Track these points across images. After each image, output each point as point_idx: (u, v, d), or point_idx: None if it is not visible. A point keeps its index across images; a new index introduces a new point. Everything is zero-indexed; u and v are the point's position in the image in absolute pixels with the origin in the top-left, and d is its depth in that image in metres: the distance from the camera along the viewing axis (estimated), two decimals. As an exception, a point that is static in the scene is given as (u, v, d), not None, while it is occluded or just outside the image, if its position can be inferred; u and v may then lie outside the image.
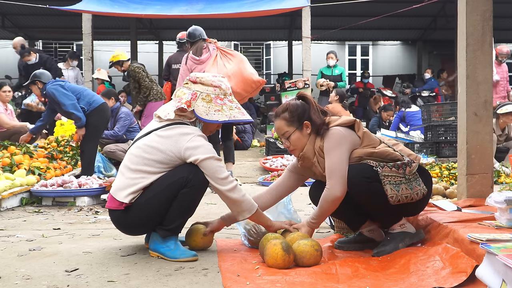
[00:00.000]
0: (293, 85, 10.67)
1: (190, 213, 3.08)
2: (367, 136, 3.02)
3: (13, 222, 4.28)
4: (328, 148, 2.95)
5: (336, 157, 2.91)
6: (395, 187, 2.86)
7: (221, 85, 3.09)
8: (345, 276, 2.58)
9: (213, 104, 3.03)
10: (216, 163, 2.94)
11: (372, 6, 13.43)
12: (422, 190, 2.93)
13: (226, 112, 3.03)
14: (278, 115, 3.08)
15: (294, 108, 3.04)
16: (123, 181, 2.99)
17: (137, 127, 7.75)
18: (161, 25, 16.34)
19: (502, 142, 7.61)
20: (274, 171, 7.19)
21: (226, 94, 3.10)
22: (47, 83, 6.05)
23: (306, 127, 3.03)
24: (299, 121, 3.03)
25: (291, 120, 3.03)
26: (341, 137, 2.95)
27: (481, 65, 3.69)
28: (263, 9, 10.40)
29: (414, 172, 2.93)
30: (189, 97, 3.02)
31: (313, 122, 3.02)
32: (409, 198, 2.90)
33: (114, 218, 3.07)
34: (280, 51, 19.33)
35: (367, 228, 3.16)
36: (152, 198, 2.92)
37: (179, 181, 2.92)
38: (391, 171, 2.87)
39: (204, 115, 3.00)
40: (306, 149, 3.04)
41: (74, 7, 10.40)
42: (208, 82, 3.06)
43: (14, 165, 5.71)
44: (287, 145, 3.08)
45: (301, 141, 3.04)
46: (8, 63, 18.39)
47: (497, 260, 1.98)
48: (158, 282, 2.53)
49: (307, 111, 3.04)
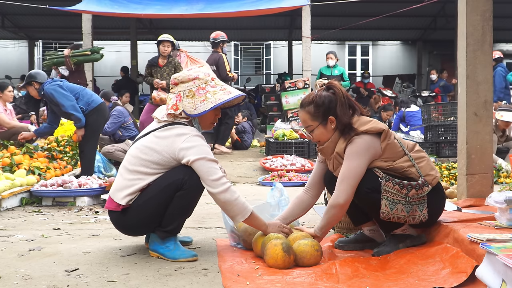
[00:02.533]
0: (293, 85, 10.67)
1: (187, 214, 3.07)
2: (390, 149, 2.88)
3: (13, 222, 4.28)
4: (348, 154, 2.85)
5: (353, 166, 2.82)
6: (390, 205, 2.81)
7: (198, 75, 3.01)
8: (345, 276, 2.57)
9: (197, 97, 2.97)
10: (208, 164, 2.87)
11: (372, 6, 13.46)
12: (421, 217, 2.85)
13: (210, 98, 2.97)
14: (303, 107, 2.98)
15: (320, 102, 2.91)
16: (121, 182, 2.99)
17: (132, 125, 7.75)
18: (161, 25, 16.34)
19: (502, 142, 7.61)
20: (274, 171, 7.19)
21: (207, 81, 3.01)
22: (44, 83, 5.97)
23: (331, 122, 2.92)
24: (324, 116, 2.91)
25: (315, 114, 2.92)
26: (365, 148, 2.84)
27: (481, 65, 3.69)
28: (263, 8, 10.41)
29: (421, 196, 2.84)
30: (174, 101, 2.99)
31: (339, 119, 2.90)
32: (401, 220, 2.85)
33: (113, 219, 3.07)
34: (280, 51, 19.34)
35: (368, 227, 3.16)
36: (149, 200, 2.91)
37: (175, 182, 2.90)
38: (394, 188, 2.81)
39: (192, 111, 2.96)
40: (326, 146, 2.96)
41: (74, 7, 10.41)
42: (186, 78, 3.01)
43: (14, 165, 5.71)
44: (310, 138, 3.04)
45: (325, 135, 2.95)
46: (8, 63, 18.41)
47: (497, 260, 1.98)
48: (158, 282, 2.53)
49: (333, 105, 2.90)
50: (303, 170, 7.28)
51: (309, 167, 7.36)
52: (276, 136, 8.52)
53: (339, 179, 2.86)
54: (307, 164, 7.49)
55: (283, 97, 10.64)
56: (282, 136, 8.41)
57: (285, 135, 8.43)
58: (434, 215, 2.94)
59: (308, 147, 8.24)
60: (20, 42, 18.54)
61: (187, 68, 6.42)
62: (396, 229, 2.99)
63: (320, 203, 4.86)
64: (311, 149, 8.24)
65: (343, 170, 2.85)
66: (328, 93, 2.95)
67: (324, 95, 2.94)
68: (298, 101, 10.54)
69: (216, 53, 8.98)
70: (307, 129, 3.01)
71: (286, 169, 7.23)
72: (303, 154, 8.18)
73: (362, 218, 3.15)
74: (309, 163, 7.54)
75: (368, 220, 3.15)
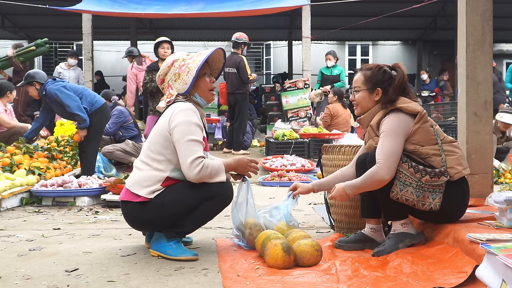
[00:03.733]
0: (293, 85, 10.67)
1: (204, 223, 3.10)
2: (421, 133, 2.94)
3: (13, 222, 4.28)
4: (388, 131, 2.92)
5: (394, 142, 2.89)
6: (401, 185, 2.87)
7: (173, 58, 3.11)
8: (345, 276, 2.58)
9: (182, 74, 3.04)
10: (185, 146, 2.89)
11: (372, 6, 13.45)
12: (432, 205, 2.88)
13: (192, 65, 3.03)
14: (362, 69, 3.14)
15: (377, 72, 3.07)
16: (138, 175, 2.99)
17: (133, 125, 7.74)
18: (161, 25, 16.34)
19: (502, 142, 7.61)
20: (274, 171, 7.19)
21: (184, 58, 3.10)
22: (46, 83, 5.93)
23: (377, 93, 3.06)
24: (374, 85, 3.06)
25: (368, 80, 3.07)
26: (399, 126, 2.93)
27: (481, 65, 3.69)
28: (263, 8, 10.41)
29: (436, 184, 2.87)
30: (167, 92, 3.09)
31: (386, 94, 3.03)
32: (410, 202, 2.88)
33: (128, 212, 3.03)
34: (280, 51, 19.34)
35: (371, 224, 3.16)
36: (176, 200, 2.91)
37: (207, 191, 2.92)
38: (408, 170, 2.86)
39: (184, 86, 3.02)
40: (364, 117, 3.10)
41: (74, 7, 10.41)
42: (166, 68, 3.10)
43: (14, 165, 5.71)
44: (353, 98, 3.14)
45: (366, 102, 3.09)
46: (8, 63, 18.38)
47: (497, 260, 1.98)
48: (158, 282, 2.53)
49: (387, 81, 3.05)
50: (303, 170, 7.28)
51: (309, 167, 7.36)
52: (276, 136, 8.52)
53: (383, 156, 2.88)
54: (307, 164, 7.48)
55: (283, 97, 10.64)
56: (282, 136, 8.41)
57: (285, 135, 8.43)
58: (449, 208, 2.93)
59: (308, 147, 8.24)
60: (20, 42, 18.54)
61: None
62: (397, 219, 2.99)
63: (320, 203, 4.87)
64: (311, 149, 8.24)
65: (386, 147, 2.89)
66: (389, 70, 3.10)
67: (385, 69, 3.09)
68: (298, 101, 10.55)
69: (237, 55, 8.83)
70: (354, 89, 3.14)
71: (286, 169, 7.23)
72: (303, 154, 8.18)
73: (371, 212, 3.15)
74: (309, 163, 7.54)
75: (375, 217, 3.16)
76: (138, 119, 10.96)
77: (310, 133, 8.51)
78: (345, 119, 9.34)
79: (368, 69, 3.11)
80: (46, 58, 19.36)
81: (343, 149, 3.59)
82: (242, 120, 8.88)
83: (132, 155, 7.30)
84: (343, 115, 9.34)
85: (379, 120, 3.00)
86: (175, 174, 2.96)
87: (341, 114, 9.32)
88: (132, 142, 7.45)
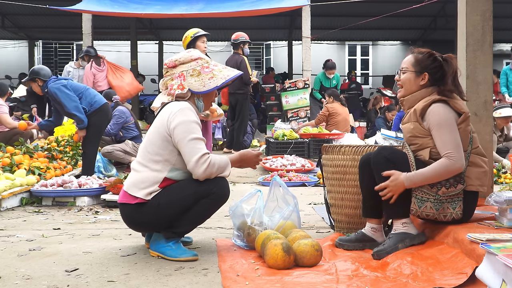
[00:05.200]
0: (293, 85, 10.67)
1: (201, 223, 3.09)
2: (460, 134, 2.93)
3: (13, 222, 4.28)
4: (441, 121, 2.89)
5: (455, 133, 2.87)
6: (419, 203, 2.89)
7: (200, 55, 3.09)
8: (345, 276, 2.58)
9: (203, 75, 3.02)
10: (189, 145, 2.88)
11: (372, 6, 13.44)
12: (454, 215, 2.88)
13: (219, 75, 3.04)
14: (413, 51, 3.12)
15: (428, 57, 3.05)
16: (136, 177, 2.98)
17: (133, 125, 7.73)
18: (161, 25, 16.34)
19: (502, 142, 7.61)
20: (274, 171, 7.19)
21: (209, 62, 3.10)
22: (48, 81, 5.91)
23: (423, 78, 3.04)
24: (422, 69, 3.04)
25: (417, 63, 3.06)
26: (451, 117, 2.91)
27: (481, 65, 3.69)
28: (263, 8, 10.41)
29: (454, 194, 2.87)
30: (178, 81, 3.02)
31: (432, 78, 3.02)
32: (431, 217, 2.90)
33: (126, 214, 3.03)
34: (280, 51, 19.34)
35: (372, 224, 3.15)
36: (173, 201, 2.91)
37: (203, 190, 2.92)
38: (424, 186, 2.86)
39: (201, 88, 3.00)
40: (407, 99, 3.08)
41: (74, 7, 10.41)
42: (188, 59, 3.05)
43: (14, 165, 5.71)
44: (398, 78, 3.14)
45: (410, 84, 3.08)
46: (8, 63, 18.40)
47: (497, 260, 1.98)
48: (158, 282, 2.53)
49: (435, 68, 3.03)
50: (303, 170, 7.27)
51: (309, 167, 7.36)
52: (276, 136, 8.51)
53: (454, 147, 2.85)
54: (307, 164, 7.48)
55: (283, 97, 10.64)
56: (282, 136, 8.40)
57: (285, 135, 8.42)
58: (470, 214, 2.95)
59: (308, 147, 8.24)
60: (20, 42, 18.53)
61: (111, 73, 7.33)
62: (398, 218, 2.98)
63: (320, 203, 4.86)
64: (311, 149, 8.23)
65: (452, 139, 2.86)
66: (440, 59, 3.06)
67: (436, 57, 3.06)
68: (298, 101, 10.57)
69: (237, 55, 8.74)
70: (401, 69, 3.12)
71: (286, 169, 7.22)
72: (303, 154, 8.17)
73: (373, 213, 3.15)
74: (309, 163, 7.53)
75: (376, 217, 3.15)
76: (139, 119, 10.96)
77: (310, 133, 8.51)
78: (344, 118, 9.34)
79: (419, 52, 3.09)
80: (46, 58, 19.38)
81: (343, 149, 3.59)
82: (243, 120, 8.87)
83: (132, 155, 7.29)
84: (342, 114, 9.34)
85: (425, 106, 2.96)
86: (173, 175, 2.96)
87: (340, 113, 9.32)
88: (132, 143, 7.45)
